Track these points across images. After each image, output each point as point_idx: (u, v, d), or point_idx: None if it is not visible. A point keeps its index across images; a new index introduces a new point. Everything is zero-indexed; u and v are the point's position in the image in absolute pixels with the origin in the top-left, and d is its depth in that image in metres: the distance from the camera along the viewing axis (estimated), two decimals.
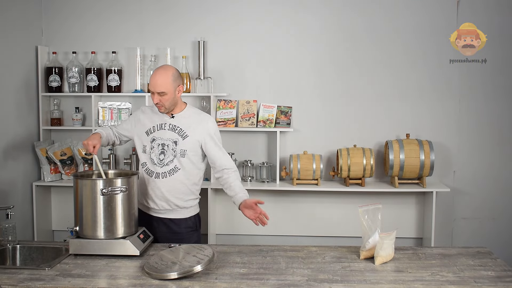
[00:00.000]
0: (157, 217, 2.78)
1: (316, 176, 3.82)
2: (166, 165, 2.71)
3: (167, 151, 2.71)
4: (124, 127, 2.88)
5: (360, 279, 2.14)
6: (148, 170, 2.75)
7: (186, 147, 2.71)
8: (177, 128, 2.73)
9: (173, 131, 2.73)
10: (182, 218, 2.79)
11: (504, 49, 3.89)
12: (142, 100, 4.00)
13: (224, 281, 2.11)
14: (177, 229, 2.77)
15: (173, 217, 2.77)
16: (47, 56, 4.04)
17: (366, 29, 3.96)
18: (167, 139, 2.72)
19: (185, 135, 2.72)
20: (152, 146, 2.73)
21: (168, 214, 2.77)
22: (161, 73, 2.67)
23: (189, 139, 2.72)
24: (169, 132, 2.73)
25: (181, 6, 4.02)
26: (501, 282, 2.10)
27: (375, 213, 2.42)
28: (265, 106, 3.94)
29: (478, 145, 3.96)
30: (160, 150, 2.72)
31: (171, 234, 2.76)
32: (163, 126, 2.75)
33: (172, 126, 2.74)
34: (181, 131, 2.73)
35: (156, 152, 2.72)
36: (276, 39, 4.00)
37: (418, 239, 4.02)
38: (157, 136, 2.73)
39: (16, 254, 2.61)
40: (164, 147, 2.71)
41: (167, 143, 2.71)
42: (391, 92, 3.98)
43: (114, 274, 2.20)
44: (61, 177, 4.01)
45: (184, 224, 2.79)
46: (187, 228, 2.80)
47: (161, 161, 2.71)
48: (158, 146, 2.72)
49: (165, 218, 2.77)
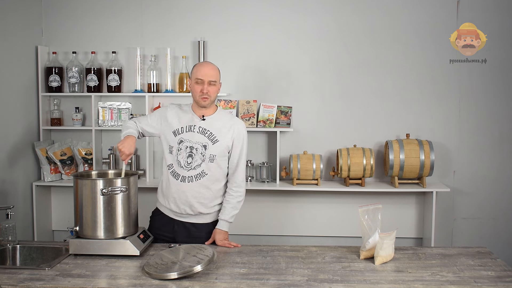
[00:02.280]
0: (179, 221, 2.72)
1: (316, 176, 3.82)
2: (193, 169, 2.63)
3: (196, 154, 2.62)
4: (150, 123, 2.73)
5: (360, 279, 2.15)
6: (174, 172, 2.66)
7: (215, 152, 2.63)
8: (207, 131, 2.64)
9: (203, 135, 2.64)
10: (204, 223, 2.73)
11: (504, 49, 3.90)
12: (142, 100, 4.00)
13: (224, 281, 2.11)
14: (198, 234, 2.70)
15: (196, 222, 2.71)
16: (47, 56, 4.04)
17: (366, 29, 3.96)
18: (196, 142, 2.63)
19: (215, 139, 2.64)
20: (179, 148, 2.63)
21: (191, 218, 2.71)
22: (210, 65, 2.66)
23: (219, 144, 2.64)
24: (198, 135, 2.64)
25: (181, 7, 4.02)
26: (501, 282, 2.10)
27: (375, 213, 2.42)
28: (265, 106, 3.94)
29: (478, 145, 3.96)
30: (188, 153, 2.62)
31: (192, 238, 2.69)
32: (193, 128, 2.65)
33: (202, 129, 2.65)
34: (211, 135, 2.64)
35: (184, 154, 2.63)
36: (276, 39, 4.00)
37: (418, 239, 4.02)
38: (185, 138, 2.64)
39: (16, 254, 2.61)
40: (192, 150, 2.62)
41: (196, 146, 2.62)
42: (391, 92, 3.98)
43: (114, 274, 2.20)
44: (61, 177, 4.01)
45: (206, 229, 2.72)
46: (208, 233, 2.72)
47: (188, 164, 2.62)
48: (186, 149, 2.62)
49: (187, 222, 2.71)
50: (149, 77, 3.94)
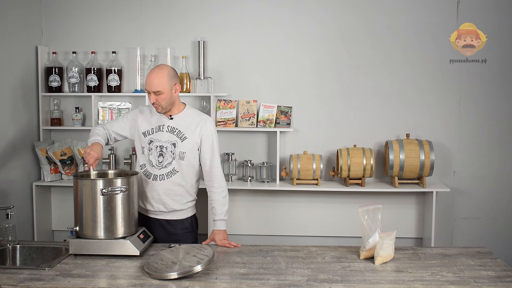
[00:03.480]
0: (154, 218, 2.77)
1: (316, 176, 3.82)
2: (165, 167, 2.70)
3: (166, 153, 2.68)
4: (123, 126, 2.79)
5: (360, 279, 2.15)
6: (146, 172, 2.73)
7: (185, 149, 2.70)
8: (175, 130, 2.71)
9: (172, 133, 2.71)
10: (178, 220, 2.78)
11: (504, 49, 3.89)
12: (142, 100, 4.00)
13: (224, 281, 2.11)
14: (173, 230, 2.76)
15: (169, 218, 2.77)
16: (47, 56, 4.04)
17: (366, 29, 3.96)
18: (166, 141, 2.70)
19: (183, 137, 2.70)
20: (150, 148, 2.71)
21: (165, 215, 2.76)
22: (157, 72, 2.64)
23: (188, 141, 2.70)
24: (167, 134, 2.70)
25: (181, 6, 4.02)
26: (501, 282, 2.10)
27: (375, 213, 2.42)
28: (265, 106, 3.94)
29: (478, 145, 3.96)
30: (159, 152, 2.69)
31: (168, 235, 2.75)
32: (161, 128, 2.72)
33: (171, 128, 2.71)
34: (179, 133, 2.71)
35: (155, 154, 2.70)
36: (276, 39, 4.00)
37: (418, 239, 4.02)
38: (155, 138, 2.71)
39: (16, 254, 2.61)
40: (162, 149, 2.69)
41: (165, 145, 2.69)
42: (391, 92, 3.98)
43: (114, 274, 2.20)
44: (61, 177, 4.01)
45: (180, 225, 2.78)
46: (183, 229, 2.79)
47: (159, 163, 2.69)
48: (156, 148, 2.69)
49: (161, 219, 2.77)
50: None
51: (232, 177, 3.98)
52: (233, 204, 4.06)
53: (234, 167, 3.99)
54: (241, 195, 4.05)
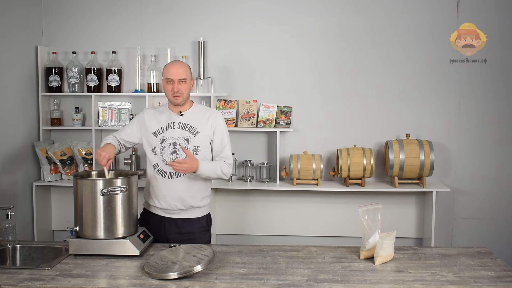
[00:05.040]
0: (170, 218, 2.74)
1: (316, 176, 3.82)
2: None
3: (180, 149, 2.68)
4: (128, 132, 2.80)
5: (360, 279, 2.15)
6: (160, 170, 2.71)
7: (198, 143, 2.70)
8: (187, 125, 2.71)
9: (183, 129, 2.71)
10: (195, 218, 2.77)
11: (504, 49, 3.89)
12: (142, 100, 4.00)
13: (224, 281, 2.11)
14: (190, 229, 2.74)
15: (186, 217, 2.75)
16: (47, 56, 4.04)
17: (366, 29, 3.96)
18: (178, 138, 2.69)
19: (196, 131, 2.71)
20: (163, 146, 2.70)
21: (181, 214, 2.74)
22: (179, 62, 2.72)
23: (201, 135, 2.71)
24: (179, 131, 2.71)
25: (181, 6, 4.02)
26: (501, 282, 2.10)
27: (375, 213, 2.42)
28: (265, 106, 3.94)
29: (478, 145, 3.96)
30: (172, 149, 2.69)
31: (184, 234, 2.73)
32: (172, 125, 2.72)
33: (182, 124, 2.72)
34: (191, 128, 2.71)
35: (168, 152, 2.69)
36: (276, 39, 4.00)
37: (418, 239, 4.02)
38: (167, 136, 2.70)
39: (16, 254, 2.61)
40: (176, 146, 2.68)
41: (178, 141, 2.69)
42: (391, 92, 3.98)
43: (114, 274, 2.20)
44: (61, 177, 4.01)
45: (198, 224, 2.77)
46: (200, 228, 2.77)
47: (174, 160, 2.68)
48: (170, 146, 2.69)
49: (178, 218, 2.74)
50: (149, 77, 3.94)
51: (232, 177, 3.98)
52: (233, 204, 4.07)
53: (234, 167, 4.00)
54: (241, 195, 4.05)
